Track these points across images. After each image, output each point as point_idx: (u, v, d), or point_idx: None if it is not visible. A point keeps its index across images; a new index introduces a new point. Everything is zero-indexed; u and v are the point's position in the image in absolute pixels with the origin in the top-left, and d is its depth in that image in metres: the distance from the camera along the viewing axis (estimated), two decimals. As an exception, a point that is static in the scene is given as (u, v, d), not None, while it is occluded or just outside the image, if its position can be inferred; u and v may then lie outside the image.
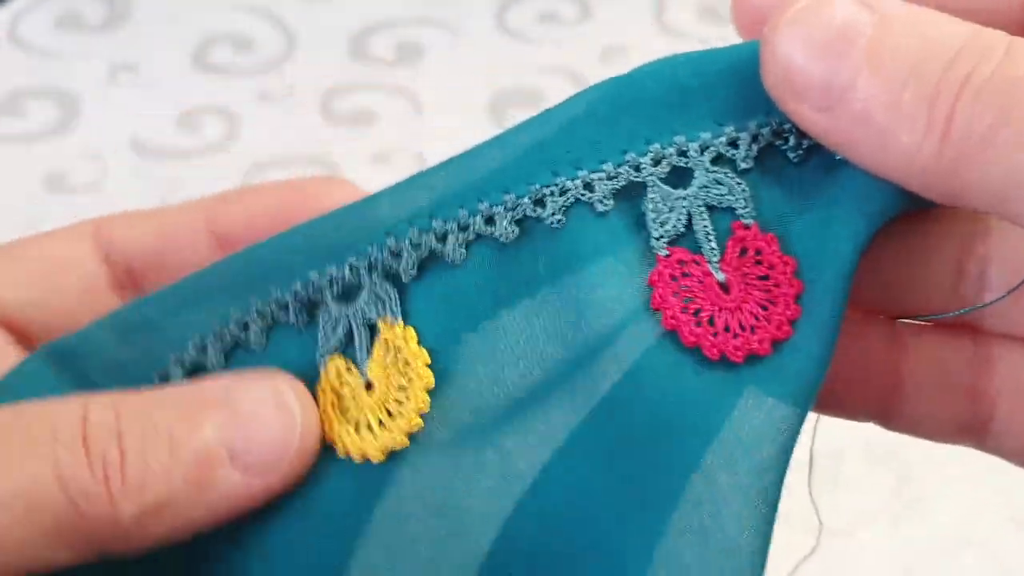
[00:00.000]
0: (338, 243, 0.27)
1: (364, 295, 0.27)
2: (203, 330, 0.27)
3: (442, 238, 0.26)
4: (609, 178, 0.26)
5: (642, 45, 0.75)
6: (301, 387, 0.26)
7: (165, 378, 0.27)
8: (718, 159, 0.26)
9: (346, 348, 0.27)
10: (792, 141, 0.25)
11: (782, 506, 0.31)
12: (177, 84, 0.73)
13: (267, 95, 0.72)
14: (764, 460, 0.25)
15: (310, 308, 0.27)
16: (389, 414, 0.26)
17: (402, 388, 0.26)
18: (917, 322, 0.29)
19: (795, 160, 0.25)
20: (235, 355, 0.28)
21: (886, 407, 0.30)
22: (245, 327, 0.27)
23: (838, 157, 0.25)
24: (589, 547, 0.25)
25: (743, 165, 0.25)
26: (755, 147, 0.25)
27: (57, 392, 0.26)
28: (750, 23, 0.26)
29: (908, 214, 0.26)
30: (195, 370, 0.27)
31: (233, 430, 0.25)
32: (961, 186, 0.22)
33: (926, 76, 0.22)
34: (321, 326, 0.27)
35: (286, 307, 0.27)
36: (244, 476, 0.25)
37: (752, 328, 0.25)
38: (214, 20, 0.77)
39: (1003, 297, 0.27)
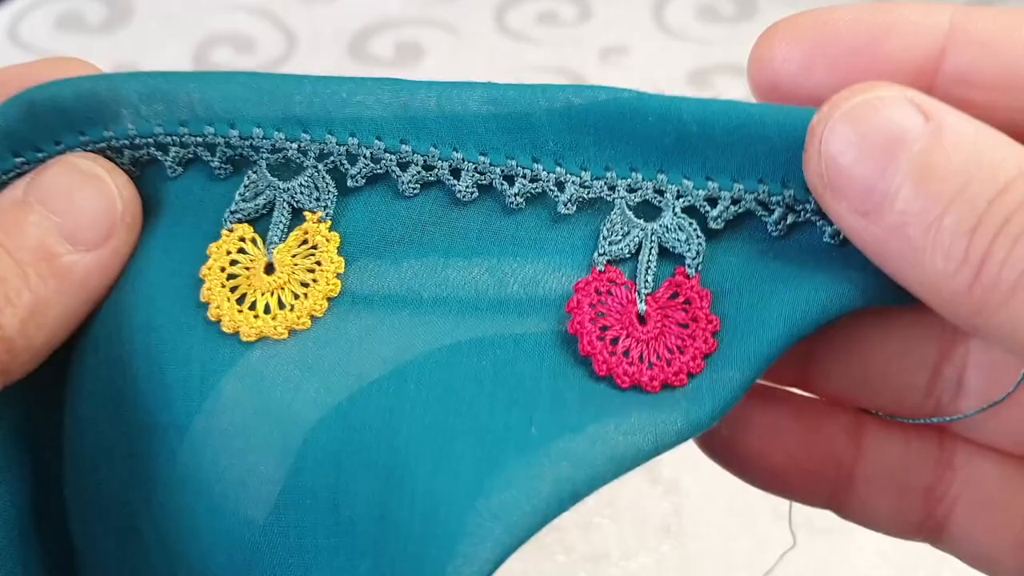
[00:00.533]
0: (296, 113, 0.26)
1: (302, 179, 0.26)
2: (121, 134, 0.26)
3: (404, 166, 0.26)
4: (582, 186, 0.26)
5: (642, 45, 0.75)
6: (95, 156, 0.26)
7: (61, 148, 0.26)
8: (691, 210, 0.25)
9: (257, 220, 0.27)
10: (776, 214, 0.25)
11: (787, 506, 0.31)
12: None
13: (267, 95, 0.72)
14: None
15: (237, 162, 0.27)
16: (280, 304, 0.26)
17: (304, 285, 0.26)
18: (884, 417, 0.29)
19: (774, 234, 0.25)
20: (148, 172, 0.27)
21: (838, 498, 0.29)
22: (163, 148, 0.26)
23: (825, 240, 0.24)
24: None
25: (713, 225, 0.25)
26: (733, 210, 0.25)
27: None
28: (766, 88, 0.25)
29: (889, 308, 0.26)
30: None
31: (55, 216, 0.25)
32: (985, 323, 0.21)
33: (971, 203, 0.20)
34: (242, 186, 0.26)
35: (213, 148, 0.26)
36: (89, 252, 0.25)
37: (650, 364, 0.25)
38: (214, 20, 0.77)
39: (980, 411, 0.26)
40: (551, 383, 0.25)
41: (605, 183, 0.26)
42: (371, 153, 0.26)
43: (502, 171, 0.26)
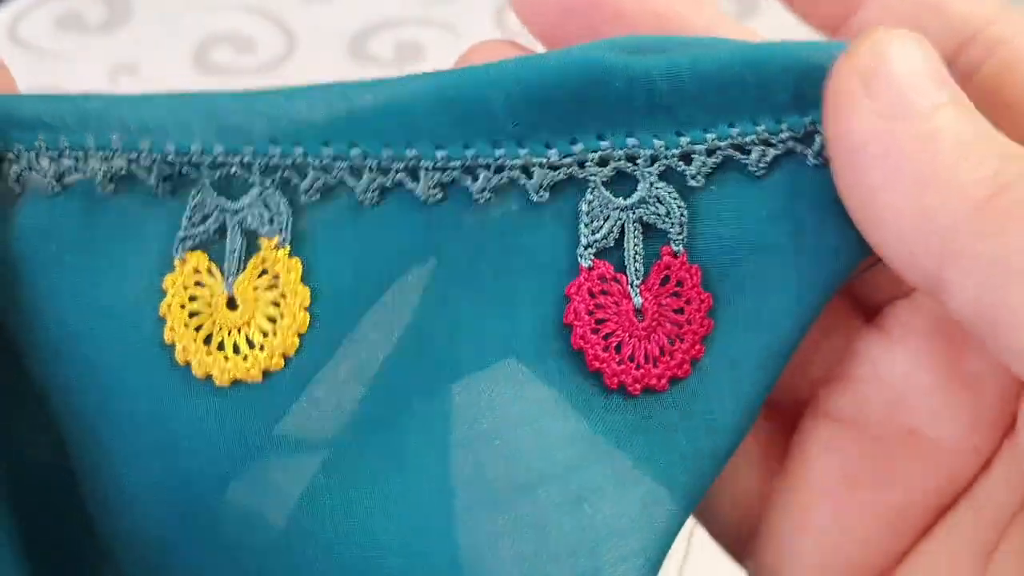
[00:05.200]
0: (234, 124, 0.23)
1: (250, 198, 0.23)
2: (51, 142, 0.24)
3: (357, 173, 0.23)
4: (551, 168, 0.23)
5: (642, 45, 0.75)
6: None
7: None
8: (667, 173, 0.24)
9: (211, 246, 0.24)
10: (755, 153, 0.23)
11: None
12: (177, 84, 0.73)
13: (267, 95, 0.73)
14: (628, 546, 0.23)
15: (176, 181, 0.24)
16: (249, 343, 0.23)
17: (271, 320, 0.23)
18: None
19: (757, 174, 0.23)
20: (74, 189, 0.24)
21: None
22: (84, 158, 0.24)
23: (809, 162, 0.23)
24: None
25: (693, 183, 0.23)
26: (711, 161, 0.23)
27: None
28: (531, 14, 0.25)
29: None
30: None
31: None
32: (973, 253, 0.20)
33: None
34: (188, 208, 0.24)
35: (149, 168, 0.23)
36: None
37: (655, 361, 0.24)
38: (214, 20, 0.77)
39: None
40: (564, 418, 0.24)
41: (574, 159, 0.23)
42: (321, 162, 0.23)
43: (462, 164, 0.23)
